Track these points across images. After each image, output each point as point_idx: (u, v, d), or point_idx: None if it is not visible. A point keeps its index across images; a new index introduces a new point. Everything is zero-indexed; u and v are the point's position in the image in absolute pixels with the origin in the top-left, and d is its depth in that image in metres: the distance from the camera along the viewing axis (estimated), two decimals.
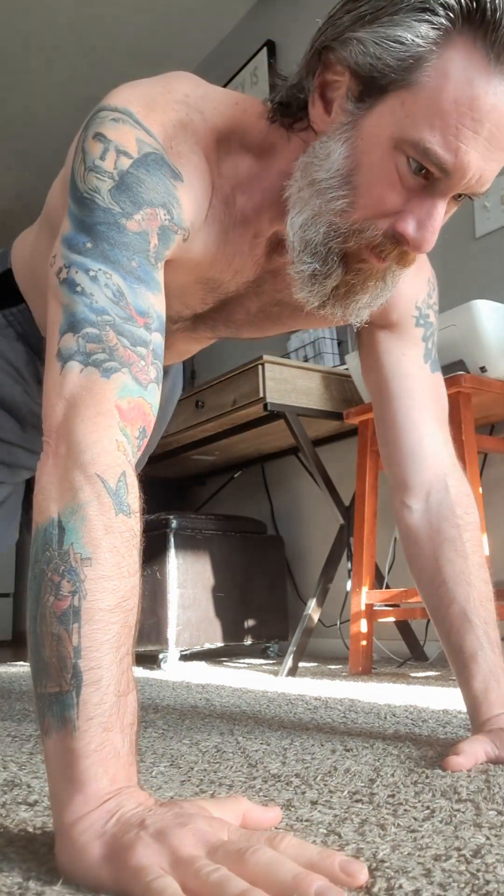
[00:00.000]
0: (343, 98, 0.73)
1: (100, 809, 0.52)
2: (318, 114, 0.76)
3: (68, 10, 3.23)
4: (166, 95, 0.78)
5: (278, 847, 0.49)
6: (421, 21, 0.66)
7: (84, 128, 0.75)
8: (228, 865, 0.47)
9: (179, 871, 0.47)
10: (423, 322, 0.99)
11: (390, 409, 0.99)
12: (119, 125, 0.73)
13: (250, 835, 0.51)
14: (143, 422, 0.69)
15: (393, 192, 0.72)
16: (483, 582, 0.94)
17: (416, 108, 0.68)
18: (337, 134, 0.73)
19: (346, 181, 0.73)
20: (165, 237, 0.74)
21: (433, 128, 0.67)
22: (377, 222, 0.74)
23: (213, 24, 3.38)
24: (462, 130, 0.67)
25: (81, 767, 0.54)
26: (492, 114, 0.67)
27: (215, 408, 2.22)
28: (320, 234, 0.75)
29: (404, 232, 0.73)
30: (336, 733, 1.07)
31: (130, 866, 0.48)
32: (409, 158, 0.70)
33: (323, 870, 0.48)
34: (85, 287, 0.68)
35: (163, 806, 0.53)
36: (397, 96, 0.69)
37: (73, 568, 0.58)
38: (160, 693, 1.65)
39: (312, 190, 0.75)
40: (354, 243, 0.75)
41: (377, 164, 0.71)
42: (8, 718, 1.32)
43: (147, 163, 0.73)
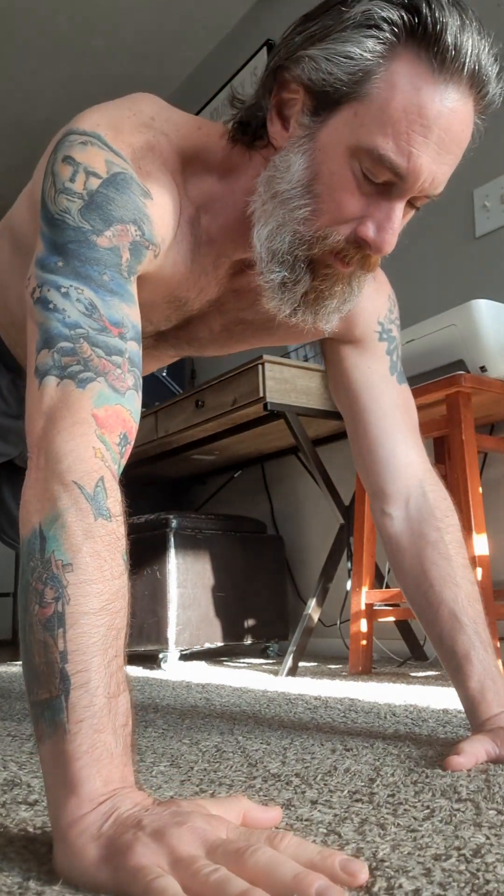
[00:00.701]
0: (299, 113, 0.77)
1: (95, 812, 0.52)
2: (276, 130, 0.79)
3: (68, 11, 3.23)
4: (132, 118, 0.80)
5: (278, 846, 0.49)
6: (367, 37, 0.70)
7: (53, 151, 0.77)
8: (228, 865, 0.47)
9: (179, 872, 0.47)
10: (386, 336, 1.02)
11: (362, 421, 1.02)
12: (88, 148, 0.75)
13: (249, 833, 0.51)
14: (123, 428, 0.70)
15: (352, 198, 0.75)
16: (469, 582, 0.96)
17: (368, 118, 0.72)
18: (295, 147, 0.77)
19: (307, 190, 0.76)
20: (137, 252, 0.76)
21: (385, 135, 0.71)
22: (339, 228, 0.77)
23: (213, 24, 3.38)
24: (412, 136, 0.71)
25: (74, 769, 0.54)
26: (439, 119, 0.71)
27: (215, 407, 2.22)
28: (286, 243, 0.78)
29: (365, 235, 0.76)
30: (336, 733, 1.07)
31: (129, 867, 0.47)
32: (363, 166, 0.73)
33: (323, 869, 0.48)
34: (57, 304, 0.70)
35: (160, 805, 0.53)
36: (350, 108, 0.73)
37: (54, 575, 0.59)
38: (160, 693, 1.65)
39: (276, 202, 0.78)
40: (319, 250, 0.78)
41: (335, 172, 0.75)
42: (8, 718, 1.32)
43: (116, 182, 0.75)
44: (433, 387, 1.73)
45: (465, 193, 2.20)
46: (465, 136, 0.75)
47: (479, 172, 2.17)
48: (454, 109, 0.72)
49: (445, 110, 0.71)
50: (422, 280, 2.28)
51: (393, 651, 2.33)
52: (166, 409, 2.47)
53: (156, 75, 3.65)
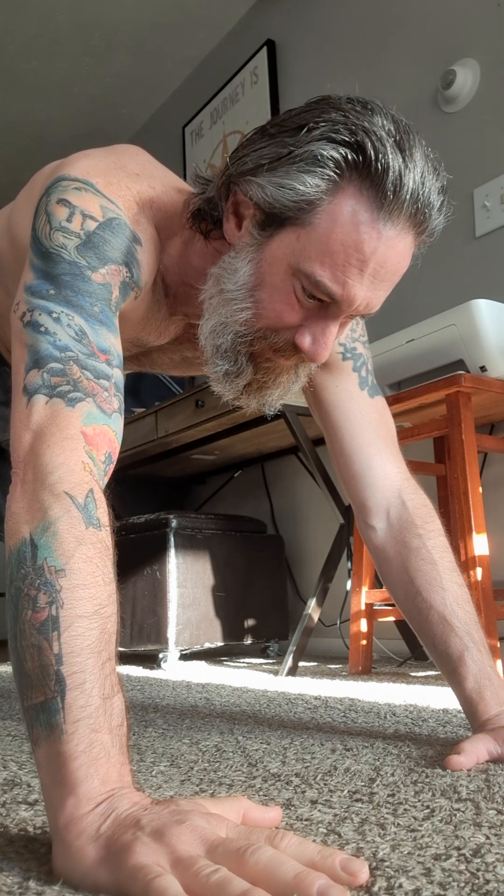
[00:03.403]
0: (250, 221, 0.81)
1: (93, 812, 0.52)
2: (230, 229, 0.83)
3: (68, 10, 3.23)
4: (122, 170, 0.83)
5: (278, 845, 0.49)
6: (313, 173, 0.74)
7: (45, 194, 0.79)
8: (228, 865, 0.47)
9: (179, 871, 0.46)
10: (351, 355, 1.04)
11: (337, 438, 1.05)
12: (82, 193, 0.78)
13: (249, 832, 0.51)
14: (109, 447, 0.72)
15: (291, 310, 0.80)
16: (456, 585, 0.96)
17: (309, 245, 0.76)
18: (244, 253, 0.81)
19: (249, 295, 0.81)
20: (125, 292, 0.81)
21: (323, 264, 0.76)
22: (277, 334, 0.82)
23: (213, 24, 3.38)
24: (348, 269, 0.76)
25: (71, 769, 0.54)
26: (375, 255, 0.75)
27: (215, 407, 2.22)
28: (228, 340, 0.83)
29: (301, 345, 0.81)
30: (336, 733, 1.07)
31: (129, 866, 0.47)
32: (303, 286, 0.78)
33: (324, 868, 0.48)
34: (48, 327, 0.72)
35: (158, 804, 0.53)
36: (294, 231, 0.77)
37: (47, 580, 0.60)
38: (160, 692, 1.65)
39: (221, 299, 0.83)
40: (259, 346, 0.83)
41: (277, 285, 0.79)
42: (8, 718, 1.32)
43: (112, 226, 0.79)
44: (433, 387, 1.73)
45: (465, 193, 2.20)
46: (402, 266, 0.79)
47: (479, 172, 2.17)
48: (391, 245, 0.76)
49: (382, 247, 0.75)
50: (422, 280, 2.28)
51: (393, 651, 2.33)
52: (166, 409, 2.47)
53: (156, 74, 3.65)
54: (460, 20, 2.28)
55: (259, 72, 3.14)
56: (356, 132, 0.73)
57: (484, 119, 2.18)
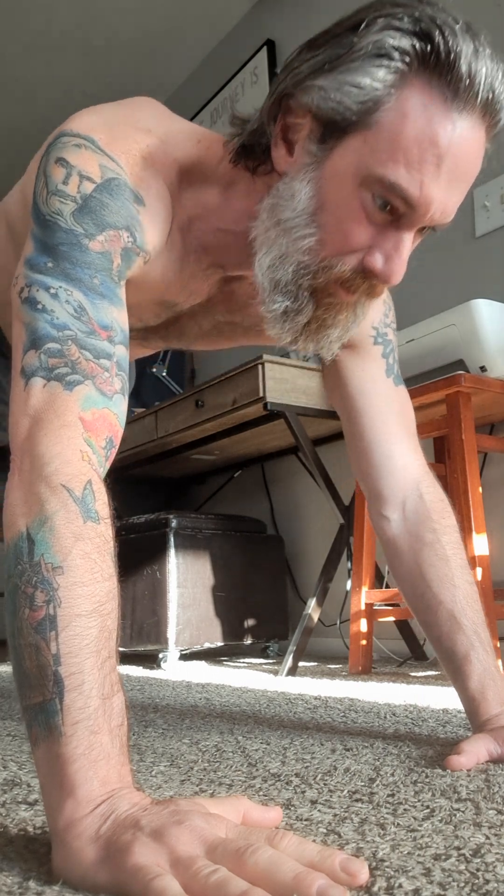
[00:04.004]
0: (305, 140, 0.75)
1: (93, 814, 0.52)
2: (281, 156, 0.77)
3: (68, 10, 3.23)
4: (129, 125, 0.79)
5: (278, 846, 0.49)
6: (378, 67, 0.69)
7: (45, 152, 0.76)
8: (228, 865, 0.47)
9: (179, 872, 0.46)
10: (382, 340, 1.02)
11: (358, 424, 1.01)
12: (82, 151, 0.74)
13: (249, 832, 0.51)
14: (110, 432, 0.69)
15: (360, 228, 0.73)
16: (467, 583, 0.95)
17: (379, 146, 0.70)
18: (300, 174, 0.75)
19: (312, 220, 0.75)
20: (128, 258, 0.76)
21: (396, 163, 0.70)
22: (345, 258, 0.75)
23: (213, 24, 3.38)
24: (424, 165, 0.70)
25: (70, 772, 0.53)
26: (451, 149, 0.70)
27: (215, 407, 2.22)
28: (289, 273, 0.77)
29: (373, 267, 0.75)
30: (336, 733, 1.07)
31: (128, 867, 0.47)
32: (373, 195, 0.72)
33: (323, 868, 0.48)
34: (46, 304, 0.69)
35: (158, 805, 0.53)
36: (359, 136, 0.71)
37: (45, 578, 0.59)
38: (160, 692, 1.65)
39: (279, 230, 0.76)
40: (323, 279, 0.77)
41: (343, 202, 0.73)
42: (8, 717, 1.32)
43: (110, 187, 0.74)
44: (433, 387, 1.73)
45: None
46: (476, 165, 0.74)
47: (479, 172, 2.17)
48: (466, 139, 0.70)
49: (457, 139, 0.70)
50: (422, 280, 2.28)
51: (393, 651, 2.33)
52: (166, 408, 2.47)
53: (156, 75, 3.65)
54: None
55: (259, 72, 3.14)
56: (421, 20, 0.68)
57: None
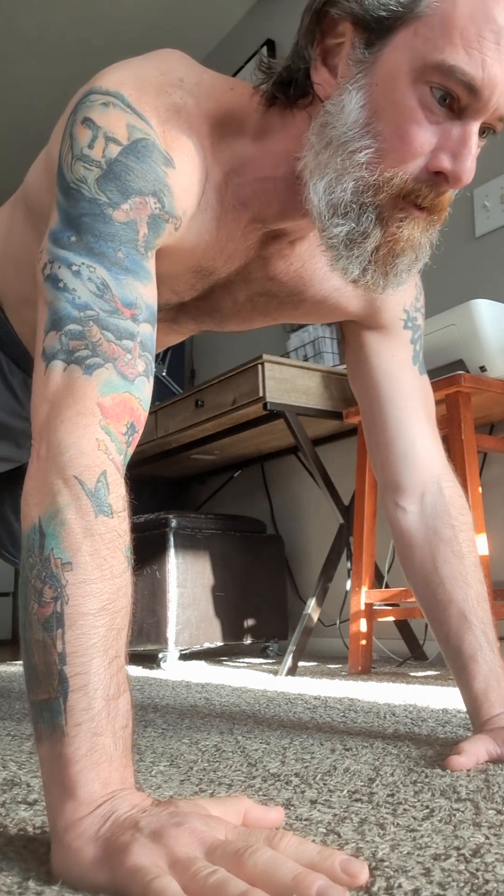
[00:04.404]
0: (349, 54, 0.71)
1: (93, 815, 0.52)
2: (324, 79, 0.73)
3: (68, 10, 3.23)
4: (160, 77, 0.75)
5: (277, 846, 0.49)
6: None
7: (73, 111, 0.73)
8: (227, 866, 0.47)
9: (178, 873, 0.46)
10: (412, 325, 0.99)
11: (381, 410, 0.98)
12: (109, 109, 0.71)
13: (248, 833, 0.51)
14: (131, 417, 0.67)
15: (420, 128, 0.68)
16: (479, 582, 0.95)
17: (432, 32, 0.66)
18: (349, 85, 0.70)
19: (366, 130, 0.70)
20: (156, 226, 0.72)
21: (454, 45, 0.65)
22: (407, 167, 0.70)
23: (213, 23, 3.38)
24: (484, 42, 0.65)
25: (72, 772, 0.53)
26: None
27: (215, 407, 2.22)
28: (348, 192, 0.71)
29: (440, 167, 0.70)
30: (335, 732, 1.07)
31: (127, 867, 0.47)
32: (431, 89, 0.67)
33: (323, 869, 0.48)
34: (67, 283, 0.67)
35: (158, 806, 0.52)
36: (408, 28, 0.67)
37: (53, 573, 0.58)
38: (160, 692, 1.65)
39: (331, 149, 0.71)
40: (387, 194, 0.71)
41: (398, 103, 0.68)
42: (7, 717, 1.32)
43: (137, 150, 0.70)
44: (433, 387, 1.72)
45: (465, 193, 2.20)
46: None
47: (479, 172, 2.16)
48: None
49: None
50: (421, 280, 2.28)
51: (392, 651, 2.33)
52: (166, 408, 2.47)
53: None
54: None
55: None
56: None
57: None
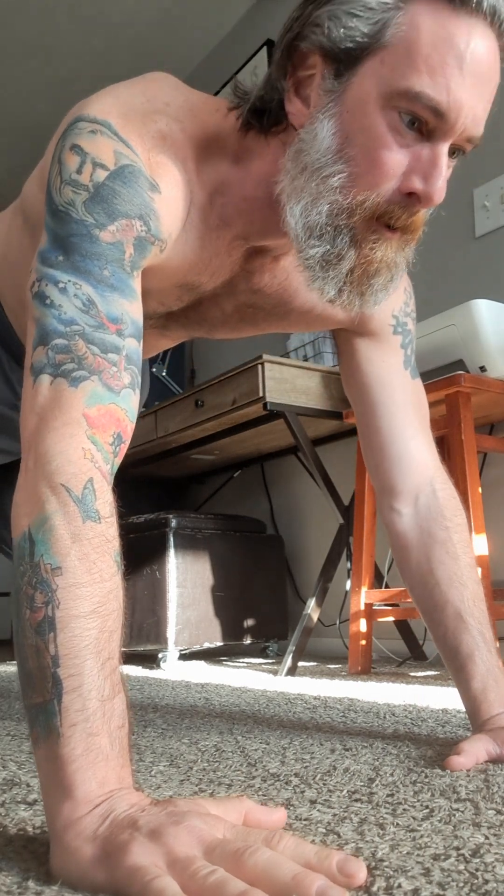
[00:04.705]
0: (320, 85, 0.74)
1: (91, 814, 0.52)
2: (297, 109, 0.76)
3: (68, 10, 3.23)
4: (145, 104, 0.77)
5: (276, 846, 0.49)
6: None
7: (61, 137, 0.76)
8: (226, 866, 0.47)
9: (177, 872, 0.46)
10: (402, 330, 1.00)
11: (374, 416, 1.00)
12: (97, 137, 0.73)
13: (247, 833, 0.51)
14: (117, 427, 0.69)
15: (390, 152, 0.71)
16: (474, 582, 0.95)
17: (397, 60, 0.69)
18: (321, 115, 0.73)
19: (339, 156, 0.73)
20: (142, 248, 0.74)
21: (419, 72, 0.68)
22: (379, 190, 0.73)
23: (213, 24, 3.38)
24: (447, 68, 0.68)
25: (68, 772, 0.54)
26: (470, 49, 0.69)
27: (215, 407, 2.22)
28: (323, 215, 0.74)
29: (412, 188, 0.72)
30: (335, 733, 1.07)
31: (126, 867, 0.47)
32: (400, 114, 0.70)
33: (321, 869, 0.48)
34: (54, 299, 0.69)
35: (157, 805, 0.53)
36: (375, 58, 0.70)
37: (44, 579, 0.59)
38: (159, 692, 1.65)
39: (306, 174, 0.74)
40: (360, 217, 0.74)
41: (368, 129, 0.71)
42: (7, 717, 1.32)
43: (124, 175, 0.73)
44: (433, 387, 1.73)
45: (465, 193, 2.20)
46: (496, 72, 0.72)
47: (479, 172, 2.17)
48: (482, 40, 0.69)
49: (474, 40, 0.69)
50: (421, 280, 2.27)
51: (392, 651, 2.33)
52: (166, 408, 2.47)
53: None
54: None
55: (259, 72, 3.14)
56: None
57: None
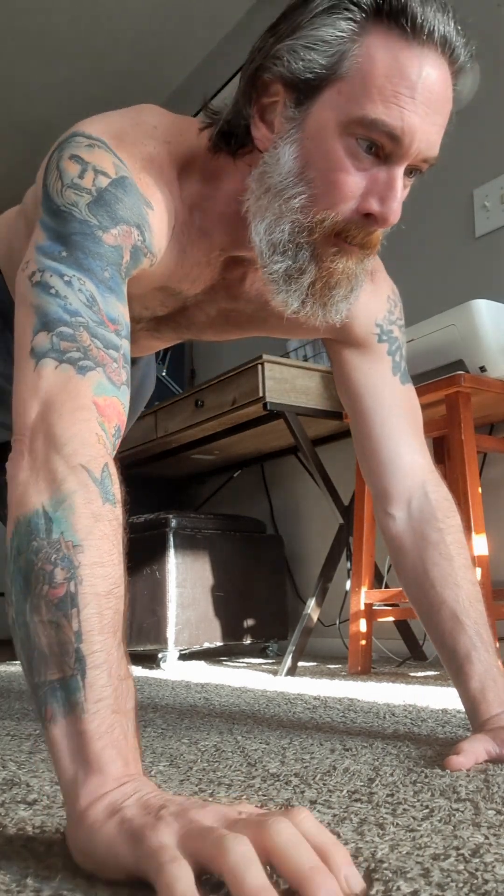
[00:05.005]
0: (282, 111, 0.78)
1: (118, 790, 0.52)
2: (262, 134, 0.80)
3: (68, 10, 3.23)
4: (135, 129, 0.81)
5: (300, 824, 0.49)
6: (338, 20, 0.74)
7: (58, 149, 0.78)
8: (249, 833, 0.46)
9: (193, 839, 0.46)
10: (387, 337, 1.02)
11: (365, 423, 1.02)
12: (95, 150, 0.77)
13: (268, 814, 0.51)
14: (119, 420, 0.70)
15: (348, 175, 0.76)
16: (470, 583, 0.96)
17: (353, 91, 0.74)
18: (282, 141, 0.78)
19: (300, 179, 0.77)
20: (136, 257, 0.78)
21: (373, 101, 0.73)
22: (338, 210, 0.77)
23: (213, 24, 3.38)
24: (400, 96, 0.73)
25: (96, 749, 0.54)
26: (421, 79, 0.73)
27: (215, 407, 2.22)
28: (286, 233, 0.79)
29: (369, 209, 0.77)
30: (335, 733, 1.07)
31: (149, 843, 0.47)
32: (357, 139, 0.75)
33: (335, 865, 0.47)
34: (59, 290, 0.70)
35: (178, 796, 0.53)
36: (333, 88, 0.75)
37: (66, 555, 0.59)
38: (159, 692, 1.65)
39: (270, 195, 0.79)
40: (320, 234, 0.78)
41: (327, 154, 0.76)
42: (7, 717, 1.32)
43: (124, 184, 0.76)
44: (433, 387, 1.73)
45: (465, 193, 2.20)
46: (448, 97, 0.77)
47: (479, 172, 2.17)
48: (433, 70, 0.74)
49: (426, 70, 0.73)
50: (421, 280, 2.28)
51: (392, 651, 2.33)
52: (166, 408, 2.47)
53: (156, 75, 3.65)
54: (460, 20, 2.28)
55: None
56: None
57: (484, 119, 2.18)
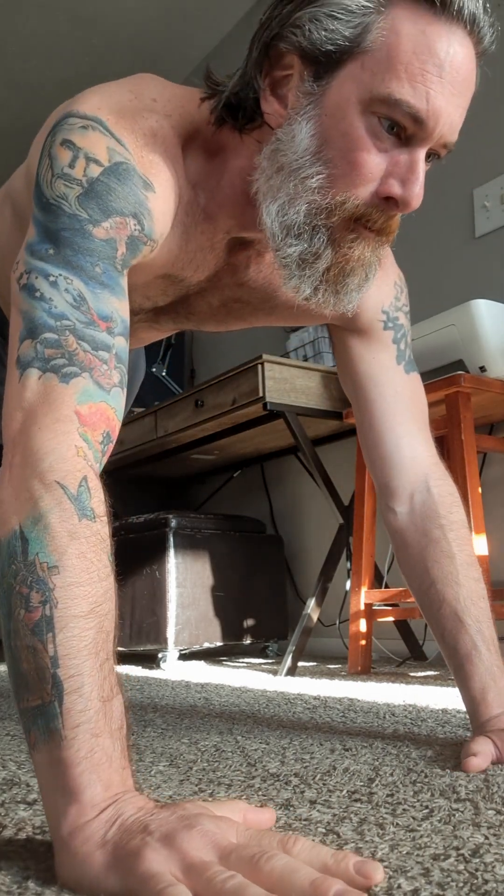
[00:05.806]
0: (297, 85, 0.74)
1: (98, 819, 0.51)
2: (274, 109, 0.76)
3: (68, 10, 3.23)
4: (134, 101, 0.77)
5: (291, 850, 0.48)
6: None
7: (51, 133, 0.74)
8: (243, 871, 0.46)
9: (192, 879, 0.45)
10: (393, 325, 0.99)
11: (367, 413, 0.99)
12: (89, 132, 0.72)
13: (260, 836, 0.50)
14: (107, 426, 0.67)
15: (369, 156, 0.72)
16: (472, 580, 0.94)
17: (378, 66, 0.69)
18: (299, 117, 0.73)
19: (317, 157, 0.73)
20: (134, 247, 0.73)
21: (399, 79, 0.69)
22: (358, 192, 0.73)
23: (213, 24, 3.38)
24: (427, 76, 0.69)
25: (73, 776, 0.52)
26: (448, 55, 0.69)
27: (215, 407, 2.22)
28: (301, 215, 0.74)
29: (390, 192, 0.73)
30: (335, 733, 1.07)
31: (139, 873, 0.46)
32: (379, 118, 0.71)
33: (338, 872, 0.47)
34: (44, 292, 0.67)
35: (164, 809, 0.51)
36: (355, 62, 0.70)
37: (40, 578, 0.57)
38: (159, 692, 1.65)
39: (283, 174, 0.74)
40: (339, 217, 0.74)
41: (348, 132, 0.71)
42: (7, 717, 1.32)
43: (118, 172, 0.72)
44: (433, 387, 1.73)
45: (465, 193, 2.20)
46: (473, 79, 0.73)
47: (479, 172, 2.17)
48: (461, 48, 0.70)
49: (454, 48, 0.70)
50: (421, 280, 2.28)
51: (392, 651, 2.33)
52: (166, 408, 2.47)
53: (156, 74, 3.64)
54: None
55: None
56: None
57: (484, 119, 2.18)
